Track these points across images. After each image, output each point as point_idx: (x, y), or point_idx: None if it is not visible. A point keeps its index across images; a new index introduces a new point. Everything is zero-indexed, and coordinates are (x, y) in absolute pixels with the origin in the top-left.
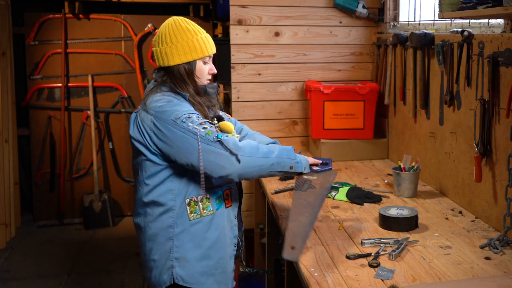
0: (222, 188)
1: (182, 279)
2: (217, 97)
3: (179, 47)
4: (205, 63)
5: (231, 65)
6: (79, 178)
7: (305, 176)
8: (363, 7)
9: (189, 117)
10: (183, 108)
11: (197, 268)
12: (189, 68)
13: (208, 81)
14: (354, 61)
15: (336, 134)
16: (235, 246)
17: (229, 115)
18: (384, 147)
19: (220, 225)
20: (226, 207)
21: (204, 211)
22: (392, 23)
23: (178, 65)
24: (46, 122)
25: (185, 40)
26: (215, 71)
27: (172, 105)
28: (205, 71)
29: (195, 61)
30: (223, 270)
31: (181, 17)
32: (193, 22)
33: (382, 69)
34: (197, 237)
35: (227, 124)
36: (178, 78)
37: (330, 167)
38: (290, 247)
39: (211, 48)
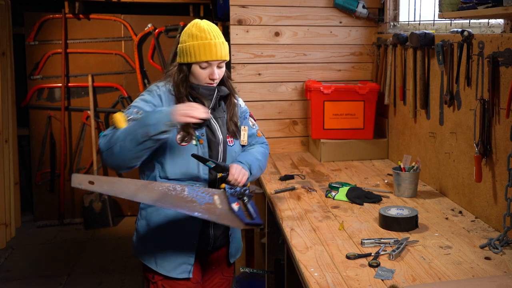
0: (183, 182)
1: (137, 251)
2: (216, 98)
3: (182, 49)
4: (202, 67)
5: (231, 65)
6: None
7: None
8: (363, 7)
9: (129, 109)
10: (141, 101)
11: (147, 245)
12: (185, 69)
13: (208, 84)
14: (354, 61)
15: (336, 134)
16: (195, 242)
17: (253, 124)
18: (384, 147)
19: (169, 214)
20: None
21: None
22: (392, 23)
23: (180, 64)
24: (46, 122)
25: (187, 43)
26: (215, 76)
27: (142, 95)
28: (202, 75)
29: (190, 64)
30: (165, 257)
31: (197, 21)
32: (205, 28)
33: (382, 69)
34: (149, 217)
35: (116, 116)
36: (177, 75)
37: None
38: (90, 181)
39: (213, 55)
